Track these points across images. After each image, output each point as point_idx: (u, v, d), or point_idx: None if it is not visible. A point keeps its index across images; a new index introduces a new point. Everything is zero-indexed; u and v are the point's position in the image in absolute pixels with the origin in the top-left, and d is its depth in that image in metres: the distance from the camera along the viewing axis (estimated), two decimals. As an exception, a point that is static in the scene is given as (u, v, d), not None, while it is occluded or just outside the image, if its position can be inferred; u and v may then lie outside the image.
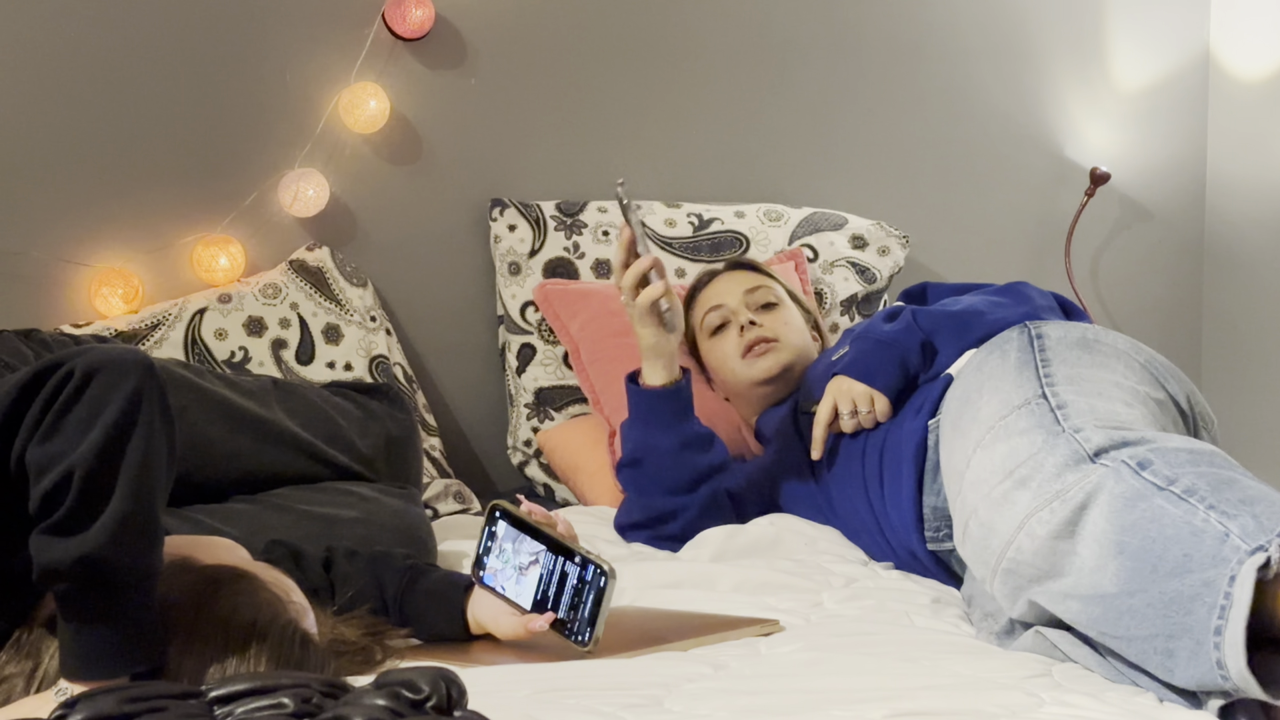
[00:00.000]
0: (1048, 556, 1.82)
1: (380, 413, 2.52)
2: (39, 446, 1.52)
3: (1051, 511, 1.83)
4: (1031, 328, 2.22)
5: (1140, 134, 3.66)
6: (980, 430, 2.03)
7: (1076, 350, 2.14)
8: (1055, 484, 1.85)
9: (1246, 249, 3.68)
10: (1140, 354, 2.21)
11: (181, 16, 2.88)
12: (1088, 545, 1.78)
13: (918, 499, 2.28)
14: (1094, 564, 1.77)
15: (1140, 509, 1.74)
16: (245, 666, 1.59)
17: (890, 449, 2.35)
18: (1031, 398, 2.02)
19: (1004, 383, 2.09)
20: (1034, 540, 1.84)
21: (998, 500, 1.91)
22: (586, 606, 1.84)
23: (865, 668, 1.79)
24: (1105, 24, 3.61)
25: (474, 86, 3.09)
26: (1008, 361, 2.14)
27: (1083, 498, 1.80)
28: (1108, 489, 1.79)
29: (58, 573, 1.53)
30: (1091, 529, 1.78)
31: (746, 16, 3.30)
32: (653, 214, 3.12)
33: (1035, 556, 1.84)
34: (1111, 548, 1.75)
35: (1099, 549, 1.77)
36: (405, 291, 3.04)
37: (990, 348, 2.23)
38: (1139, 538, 1.73)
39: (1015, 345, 2.18)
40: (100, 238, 2.84)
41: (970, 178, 3.52)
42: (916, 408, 2.35)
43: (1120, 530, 1.75)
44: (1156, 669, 1.71)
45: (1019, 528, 1.86)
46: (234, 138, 2.93)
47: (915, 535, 2.28)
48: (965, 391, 2.18)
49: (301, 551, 1.97)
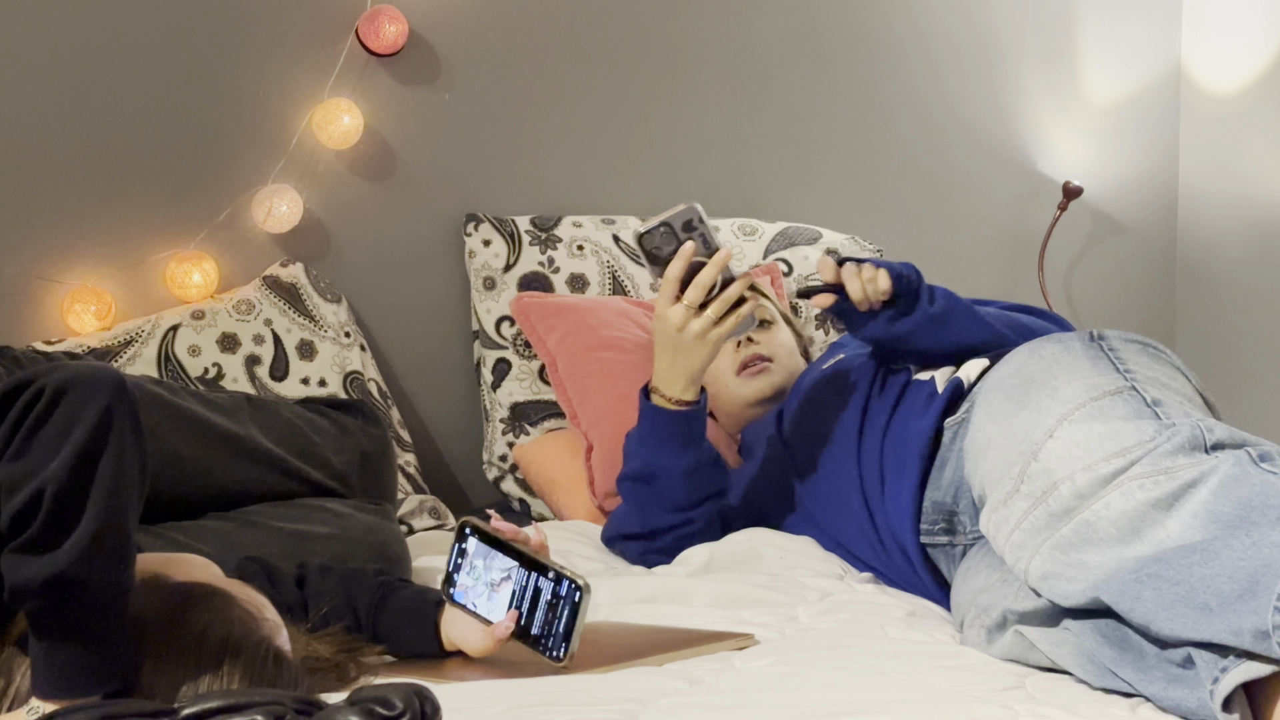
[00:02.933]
0: (1134, 520, 1.80)
1: (354, 429, 2.52)
2: (9, 464, 1.52)
3: (1156, 483, 1.82)
4: (1094, 332, 2.19)
5: (1112, 148, 3.68)
6: (1064, 407, 1.98)
7: (1142, 355, 2.13)
8: (1166, 461, 1.84)
9: (1219, 262, 3.70)
10: (1184, 367, 2.22)
11: (154, 32, 2.88)
12: (1179, 519, 1.78)
13: (918, 494, 2.28)
14: (1179, 534, 1.77)
15: (1250, 485, 1.75)
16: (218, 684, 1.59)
17: (893, 446, 2.34)
18: (1122, 387, 1.99)
19: (1078, 366, 2.06)
20: (1128, 500, 1.82)
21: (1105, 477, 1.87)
22: (561, 621, 1.84)
23: (840, 681, 1.80)
24: (1077, 38, 3.63)
25: (448, 102, 3.09)
26: (1073, 352, 2.11)
27: (1194, 475, 1.80)
28: (1222, 471, 1.79)
29: (29, 591, 1.52)
30: (1190, 505, 1.78)
31: (721, 32, 3.31)
32: (627, 228, 3.12)
33: (1121, 516, 1.82)
34: (1205, 517, 1.75)
35: (1190, 520, 1.76)
36: (380, 307, 3.04)
37: (1044, 341, 2.19)
38: (1235, 505, 1.73)
39: (1077, 340, 2.15)
40: (73, 254, 2.83)
41: (943, 192, 3.53)
42: (921, 406, 2.33)
43: (1219, 501, 1.75)
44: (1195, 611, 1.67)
45: (1115, 485, 1.83)
46: (207, 154, 2.93)
47: (911, 530, 2.27)
48: (1026, 374, 2.10)
49: (275, 568, 1.97)
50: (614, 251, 3.08)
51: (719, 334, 2.31)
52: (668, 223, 2.30)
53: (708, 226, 2.31)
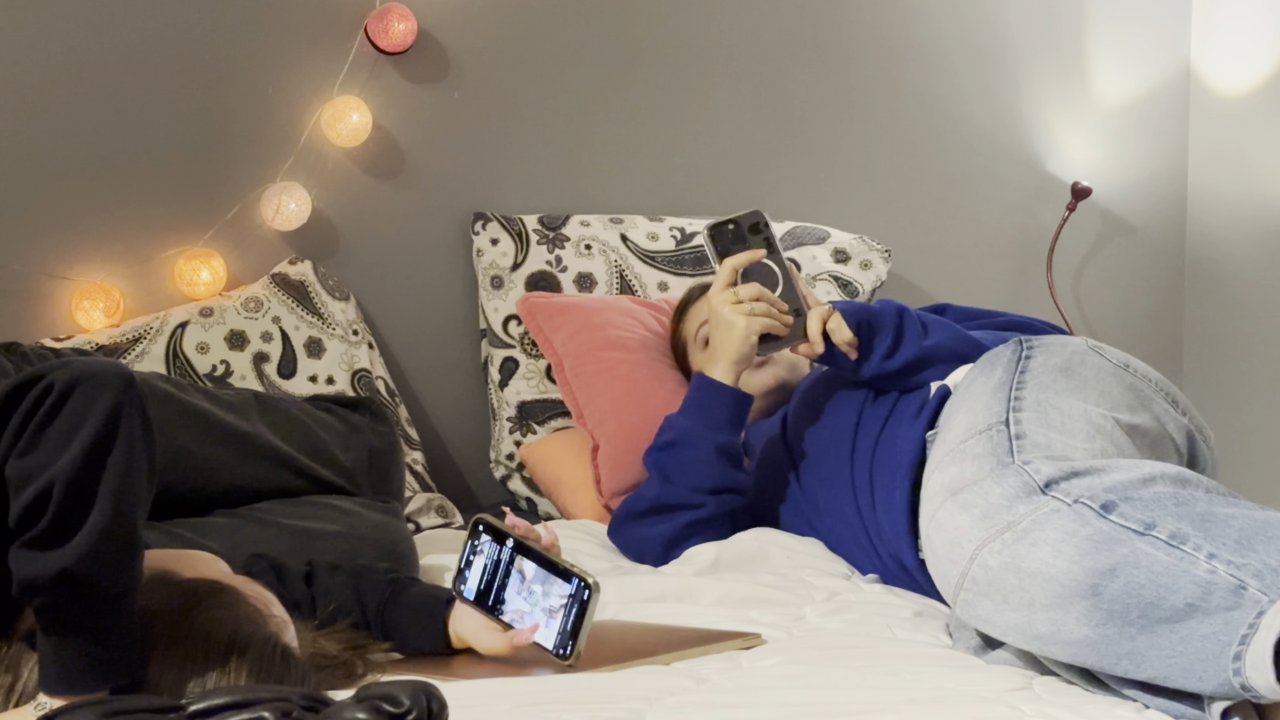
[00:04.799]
0: (999, 588, 1.82)
1: (362, 426, 2.52)
2: (18, 460, 1.52)
3: (1002, 543, 1.83)
4: (1024, 346, 2.22)
5: (1121, 148, 3.68)
6: (943, 451, 2.06)
7: (1055, 375, 2.14)
8: (1005, 514, 1.85)
9: (1227, 263, 3.70)
10: (1130, 374, 2.20)
11: (164, 30, 2.88)
12: (1039, 583, 1.77)
13: (910, 508, 2.28)
14: (1049, 602, 1.76)
15: (1119, 553, 1.73)
16: (225, 680, 1.59)
17: (883, 456, 2.34)
18: (994, 423, 2.03)
19: (977, 404, 2.11)
20: (986, 571, 1.84)
21: (941, 523, 1.93)
22: (569, 620, 1.84)
23: (847, 681, 1.79)
24: (1086, 39, 3.63)
25: (456, 100, 3.09)
26: (990, 381, 2.15)
27: (1037, 534, 1.80)
28: (1065, 529, 1.78)
29: (37, 586, 1.52)
30: (1044, 568, 1.77)
31: (730, 31, 3.31)
32: (635, 228, 3.12)
33: (989, 587, 1.84)
34: (1080, 590, 1.74)
35: (1059, 589, 1.75)
36: (388, 305, 3.04)
37: (983, 364, 2.24)
38: (1121, 583, 1.72)
39: (1002, 364, 2.19)
40: (81, 251, 2.84)
41: (952, 192, 3.53)
42: (911, 416, 2.33)
43: (1091, 573, 1.74)
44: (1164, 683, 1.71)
45: (970, 559, 1.86)
46: (216, 152, 2.93)
47: (907, 544, 2.27)
48: (951, 409, 2.19)
49: (282, 565, 1.97)
50: (622, 251, 3.08)
51: (751, 322, 2.37)
52: (736, 221, 2.40)
53: (772, 231, 2.40)
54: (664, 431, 2.51)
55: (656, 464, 2.49)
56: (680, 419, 2.49)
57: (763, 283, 2.41)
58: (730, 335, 2.41)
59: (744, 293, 2.39)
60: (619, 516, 2.53)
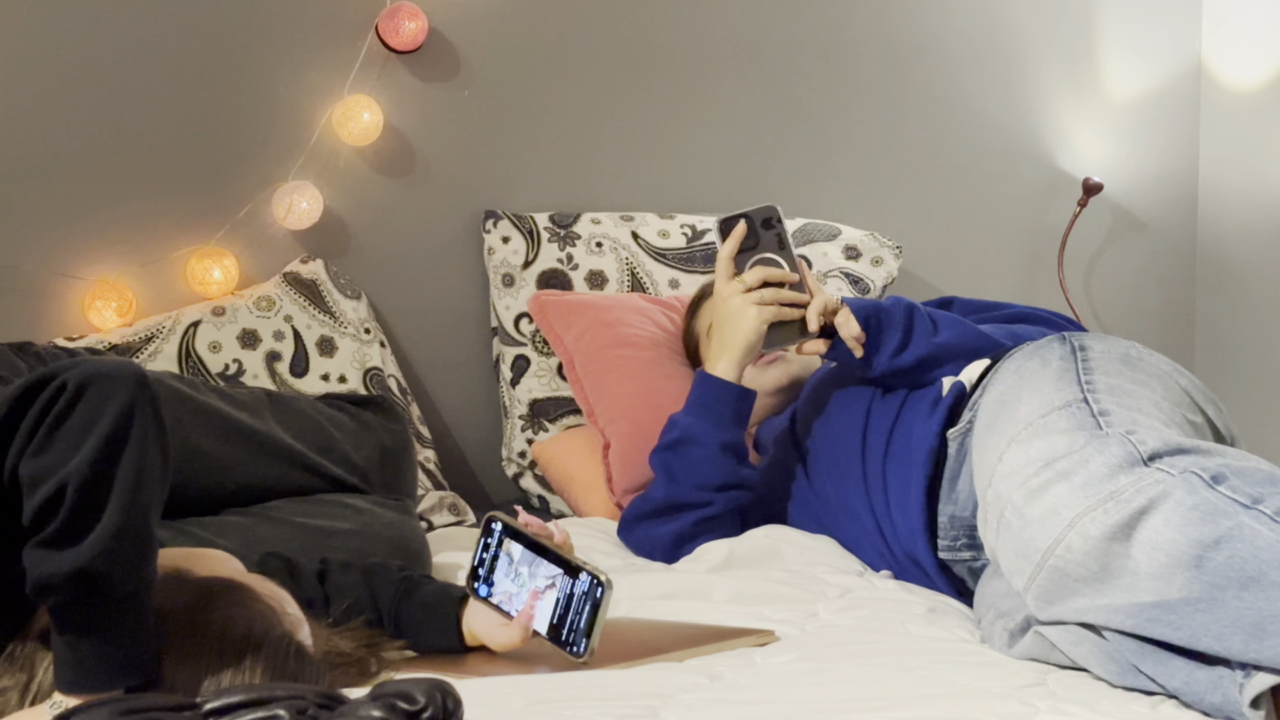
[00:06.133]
0: (1099, 558, 1.78)
1: (374, 425, 2.52)
2: (32, 459, 1.52)
3: (1106, 512, 1.78)
4: (1073, 339, 2.19)
5: (1132, 144, 3.67)
6: (1016, 428, 1.99)
7: (1118, 364, 2.11)
8: (1108, 484, 1.80)
9: (1239, 259, 3.69)
10: (1181, 377, 2.19)
11: (175, 29, 2.89)
12: (1145, 551, 1.74)
13: (926, 505, 2.27)
14: (1154, 571, 1.73)
15: (1225, 525, 1.71)
16: (240, 678, 1.59)
17: (896, 453, 2.33)
18: (1073, 400, 1.99)
19: (1043, 385, 2.06)
20: (1085, 540, 1.79)
21: (1036, 490, 1.86)
22: (583, 617, 1.83)
23: (861, 677, 1.79)
24: (1097, 34, 3.62)
25: (467, 99, 3.09)
26: (1049, 367, 2.11)
27: (1144, 502, 1.76)
28: (1175, 498, 1.75)
29: (52, 586, 1.52)
30: (1153, 536, 1.74)
31: (740, 28, 3.31)
32: (646, 225, 3.12)
33: (1086, 557, 1.79)
34: (1185, 560, 1.72)
35: (1164, 558, 1.73)
36: (399, 303, 3.04)
37: (1029, 353, 2.20)
38: (1224, 555, 1.70)
39: (1057, 353, 2.15)
40: (94, 250, 2.84)
41: (963, 188, 3.53)
42: (924, 412, 2.32)
43: (1196, 544, 1.72)
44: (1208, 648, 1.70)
45: (1069, 525, 1.81)
46: (227, 150, 2.93)
47: (922, 541, 2.26)
48: (1003, 394, 2.13)
49: (296, 563, 1.97)
50: (633, 248, 3.09)
51: (761, 312, 2.35)
52: (748, 215, 2.37)
53: (784, 227, 2.37)
54: (668, 430, 2.50)
55: (662, 464, 2.49)
56: (684, 417, 2.48)
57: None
58: (740, 325, 2.38)
59: (751, 279, 2.36)
60: (628, 517, 2.53)
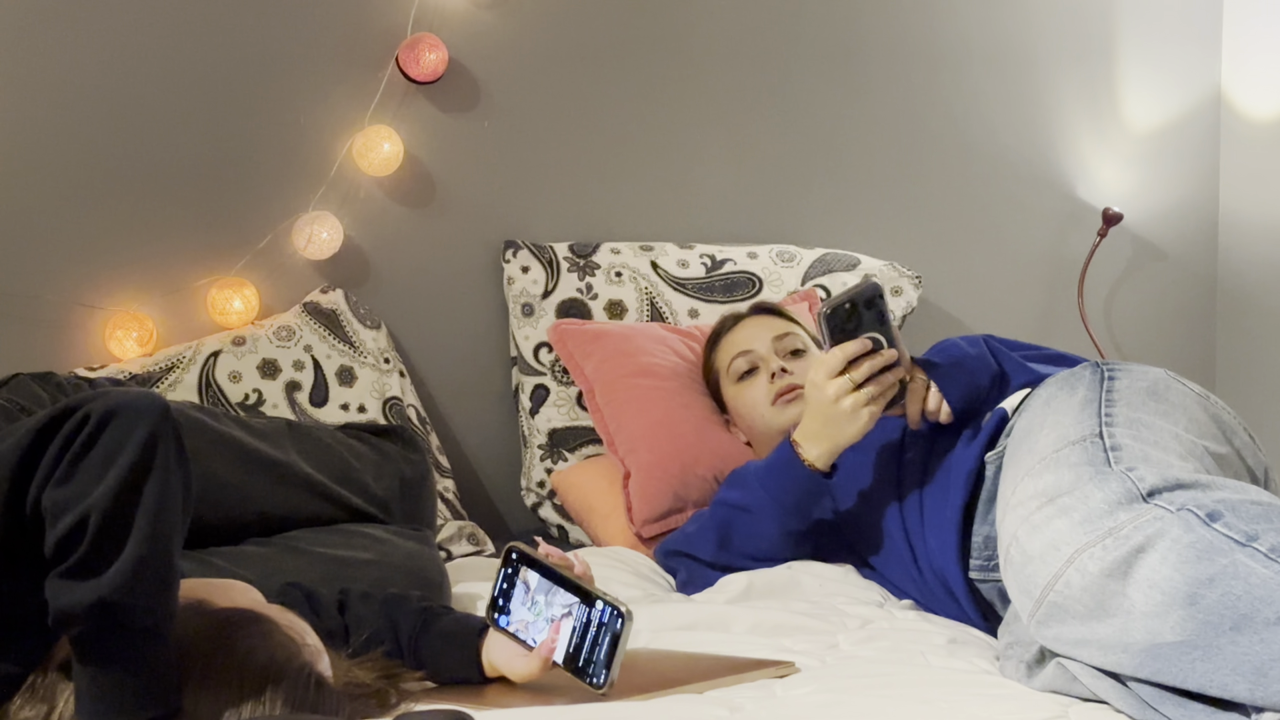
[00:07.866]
0: (1096, 595, 1.79)
1: (394, 454, 2.52)
2: (55, 490, 1.53)
3: (1105, 549, 1.79)
4: (1105, 368, 2.20)
5: (1152, 174, 3.67)
6: (1032, 460, 2.02)
7: (1143, 396, 2.12)
8: (1107, 520, 1.82)
9: (1260, 289, 3.68)
10: (1212, 405, 2.20)
11: (197, 61, 2.90)
12: (1142, 590, 1.75)
13: (962, 526, 2.27)
14: (1149, 610, 1.73)
15: (1219, 563, 1.71)
16: (260, 709, 1.59)
17: (936, 476, 2.34)
18: (1088, 435, 2.00)
19: (1065, 418, 2.08)
20: (1084, 576, 1.80)
21: (1037, 525, 1.89)
22: (602, 648, 1.83)
23: (881, 709, 1.79)
24: (1116, 65, 3.62)
25: (487, 129, 3.10)
26: (1074, 398, 2.13)
27: (1141, 540, 1.77)
28: (1171, 536, 1.76)
29: (73, 616, 1.53)
30: (1149, 574, 1.75)
31: (759, 60, 3.31)
32: (665, 255, 3.12)
33: (1083, 593, 1.80)
34: (1180, 598, 1.71)
35: (1160, 596, 1.73)
36: (419, 333, 3.05)
37: (1060, 383, 2.22)
38: (1218, 593, 1.69)
39: (1085, 383, 2.17)
40: (115, 281, 2.85)
41: (983, 218, 3.53)
42: (968, 437, 2.33)
43: (1192, 582, 1.71)
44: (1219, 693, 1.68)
45: (1068, 561, 1.82)
46: (248, 181, 2.94)
47: (955, 562, 2.26)
48: (1029, 425, 2.16)
49: (316, 594, 1.97)
50: (652, 278, 3.09)
51: (873, 412, 2.32)
52: (853, 300, 2.29)
53: (886, 304, 2.32)
54: (736, 485, 2.48)
55: (721, 522, 2.48)
56: (757, 484, 2.45)
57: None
58: (849, 426, 2.34)
59: (858, 376, 2.31)
60: (672, 549, 2.54)
